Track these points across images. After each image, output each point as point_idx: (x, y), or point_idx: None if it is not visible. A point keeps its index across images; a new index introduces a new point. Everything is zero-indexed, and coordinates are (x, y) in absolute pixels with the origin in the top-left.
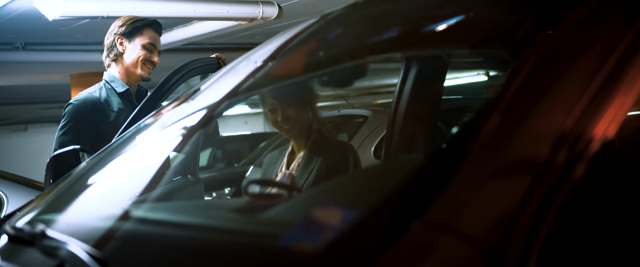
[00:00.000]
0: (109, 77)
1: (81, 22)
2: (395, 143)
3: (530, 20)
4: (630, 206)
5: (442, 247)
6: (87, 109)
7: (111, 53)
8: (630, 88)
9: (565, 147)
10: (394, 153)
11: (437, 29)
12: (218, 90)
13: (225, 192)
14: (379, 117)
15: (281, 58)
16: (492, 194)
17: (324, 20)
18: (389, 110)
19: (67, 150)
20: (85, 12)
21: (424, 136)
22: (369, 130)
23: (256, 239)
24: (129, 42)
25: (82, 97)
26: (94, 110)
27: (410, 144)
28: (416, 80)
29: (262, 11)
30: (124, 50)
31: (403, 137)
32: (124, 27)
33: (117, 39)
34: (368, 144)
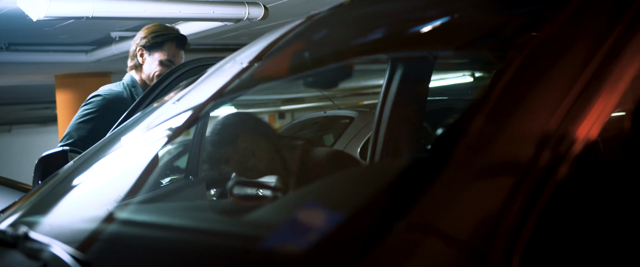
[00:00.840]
0: (132, 81)
1: (66, 22)
2: (381, 144)
3: (514, 22)
4: (612, 206)
5: (426, 248)
6: (117, 106)
7: (132, 61)
8: (613, 89)
9: (549, 148)
10: (379, 154)
11: (423, 30)
12: (204, 92)
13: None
14: (365, 118)
15: (267, 59)
16: (476, 194)
17: (310, 21)
18: (375, 111)
19: (56, 151)
20: (69, 13)
21: (409, 137)
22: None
23: (241, 241)
24: (149, 55)
25: (113, 92)
26: (122, 108)
27: (396, 146)
28: (402, 82)
29: (248, 12)
30: (143, 62)
31: (388, 138)
32: (146, 40)
33: (138, 50)
34: (354, 145)
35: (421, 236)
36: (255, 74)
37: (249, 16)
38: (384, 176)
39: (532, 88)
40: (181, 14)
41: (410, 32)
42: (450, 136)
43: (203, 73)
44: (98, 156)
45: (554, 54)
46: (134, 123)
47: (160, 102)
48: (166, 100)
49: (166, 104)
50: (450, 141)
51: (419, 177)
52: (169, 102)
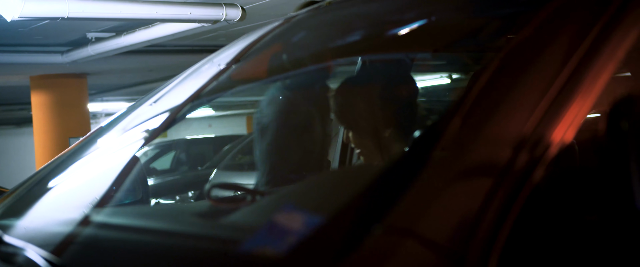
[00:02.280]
0: None
1: (41, 23)
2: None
3: (491, 25)
4: (588, 208)
5: (404, 250)
6: None
7: None
8: (589, 92)
9: (526, 151)
10: (356, 157)
11: (400, 32)
12: (181, 93)
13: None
14: None
15: (245, 61)
16: (454, 197)
17: (288, 23)
18: None
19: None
20: (44, 13)
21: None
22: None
23: (219, 244)
24: None
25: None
26: None
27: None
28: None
29: (226, 13)
30: None
31: None
32: None
33: None
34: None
35: (399, 238)
36: (232, 76)
37: (227, 17)
38: (361, 179)
39: (509, 91)
40: (158, 15)
41: (388, 35)
42: (427, 138)
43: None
44: (74, 157)
45: (530, 57)
46: (111, 125)
47: (135, 104)
48: (143, 102)
49: (143, 106)
50: (427, 143)
51: (397, 180)
52: (146, 103)
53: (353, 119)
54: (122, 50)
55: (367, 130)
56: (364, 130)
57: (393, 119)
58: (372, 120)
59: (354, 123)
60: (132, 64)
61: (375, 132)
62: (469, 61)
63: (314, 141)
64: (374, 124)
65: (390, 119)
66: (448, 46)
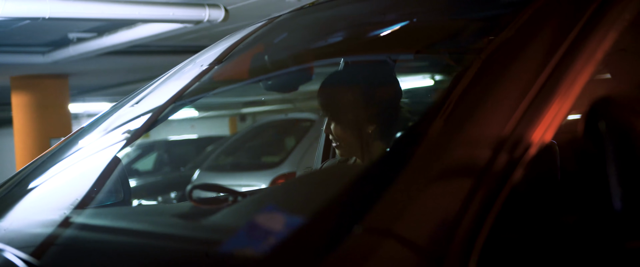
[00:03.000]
0: None
1: (21, 23)
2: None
3: (472, 27)
4: (567, 209)
5: (383, 251)
6: None
7: None
8: (567, 93)
9: (505, 152)
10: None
11: (382, 33)
12: (163, 94)
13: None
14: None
15: (227, 61)
16: (434, 198)
17: (271, 24)
18: None
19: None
20: (25, 13)
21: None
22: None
23: (200, 245)
24: None
25: None
26: None
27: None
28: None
29: (209, 14)
30: None
31: None
32: None
33: None
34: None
35: (379, 239)
36: (215, 77)
37: (209, 18)
38: (342, 180)
39: (489, 92)
40: (140, 16)
41: (370, 36)
42: (407, 139)
43: (162, 75)
44: (55, 159)
45: (510, 58)
46: (93, 125)
47: (117, 104)
48: (125, 103)
49: (125, 107)
50: (407, 144)
51: (377, 181)
52: (128, 104)
53: (336, 117)
54: (104, 50)
55: (349, 130)
56: (346, 130)
57: (374, 119)
58: (355, 120)
59: (337, 122)
60: (114, 65)
61: (357, 133)
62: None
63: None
64: (357, 124)
65: (371, 119)
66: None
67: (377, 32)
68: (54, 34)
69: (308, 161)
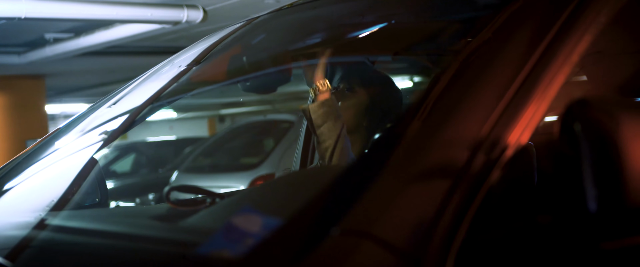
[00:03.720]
0: None
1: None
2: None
3: (449, 28)
4: (544, 210)
5: (361, 253)
6: None
7: None
8: (544, 95)
9: (482, 153)
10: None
11: (361, 35)
12: (141, 95)
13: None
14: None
15: (206, 62)
16: (411, 200)
17: (250, 25)
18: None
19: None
20: (0, 13)
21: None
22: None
23: (178, 246)
24: None
25: None
26: None
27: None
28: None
29: (187, 15)
30: None
31: None
32: None
33: None
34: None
35: (356, 241)
36: (193, 77)
37: (188, 19)
38: (320, 181)
39: (466, 93)
40: (118, 16)
41: (348, 37)
42: (385, 141)
43: (140, 76)
44: (31, 160)
45: (487, 61)
46: (69, 126)
47: (94, 105)
48: (102, 103)
49: (102, 107)
50: (385, 146)
51: (355, 182)
52: (105, 105)
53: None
54: (81, 51)
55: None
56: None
57: (354, 121)
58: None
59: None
60: (91, 65)
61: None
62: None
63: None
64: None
65: (351, 120)
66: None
67: (356, 34)
68: (30, 34)
69: (287, 162)
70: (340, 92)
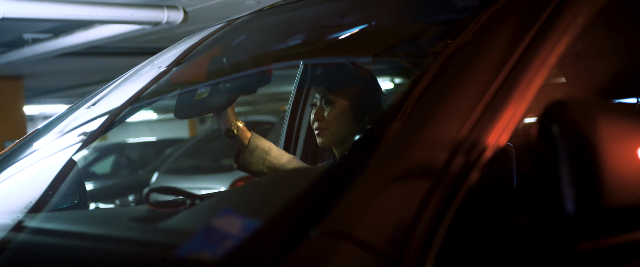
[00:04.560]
0: None
1: None
2: (299, 151)
3: (430, 30)
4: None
5: (340, 254)
6: None
7: None
8: (522, 96)
9: (462, 154)
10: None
11: (341, 36)
12: (121, 95)
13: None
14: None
15: (186, 63)
16: (391, 201)
17: (230, 26)
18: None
19: None
20: None
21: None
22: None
23: (157, 248)
24: None
25: None
26: None
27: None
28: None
29: (167, 15)
30: None
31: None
32: None
33: None
34: None
35: (336, 242)
36: (173, 78)
37: (168, 20)
38: (299, 183)
39: (446, 95)
40: (97, 17)
41: (329, 38)
42: (365, 142)
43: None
44: (9, 161)
45: (466, 62)
46: (48, 127)
47: (73, 105)
48: (82, 104)
49: (81, 108)
50: (365, 147)
51: (334, 183)
52: (85, 106)
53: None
54: (60, 51)
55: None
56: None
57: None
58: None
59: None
60: (71, 66)
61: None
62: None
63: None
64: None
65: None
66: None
67: (336, 35)
68: (8, 34)
69: None
70: (320, 108)
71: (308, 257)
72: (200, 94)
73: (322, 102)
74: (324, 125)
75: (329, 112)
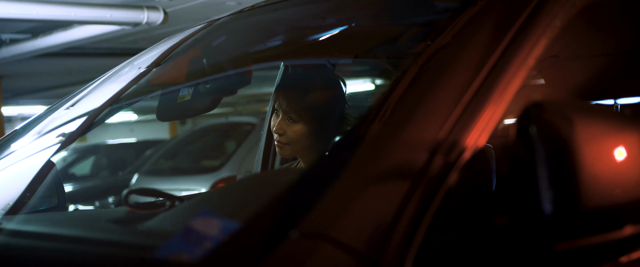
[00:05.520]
0: None
1: None
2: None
3: (410, 32)
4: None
5: (319, 255)
6: None
7: None
8: (501, 98)
9: (442, 155)
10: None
11: (321, 38)
12: (100, 96)
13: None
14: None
15: (166, 64)
16: (370, 202)
17: (211, 27)
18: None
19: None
20: None
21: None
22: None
23: (136, 250)
24: None
25: None
26: None
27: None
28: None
29: (147, 16)
30: None
31: None
32: None
33: None
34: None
35: (316, 244)
36: (153, 79)
37: (148, 20)
38: (278, 184)
39: (425, 96)
40: (76, 17)
41: (309, 40)
42: (344, 143)
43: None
44: None
45: (446, 64)
46: (26, 128)
47: (52, 106)
48: (61, 105)
49: (60, 109)
50: (344, 148)
51: (314, 185)
52: (64, 106)
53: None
54: (38, 52)
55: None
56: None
57: (325, 122)
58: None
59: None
60: (49, 67)
61: (309, 133)
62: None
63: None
64: (311, 124)
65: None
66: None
67: (316, 36)
68: None
69: (248, 165)
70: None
71: (287, 258)
72: (183, 97)
73: (286, 118)
74: (285, 140)
75: (290, 128)
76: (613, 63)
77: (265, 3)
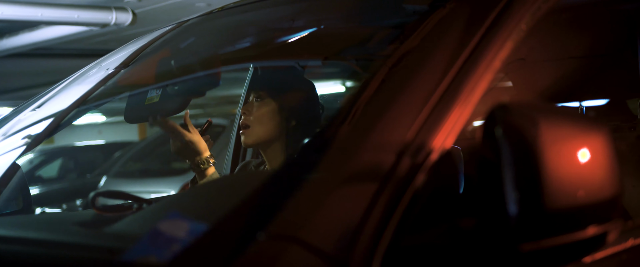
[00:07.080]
0: None
1: None
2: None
3: (379, 34)
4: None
5: (287, 258)
6: None
7: None
8: (468, 99)
9: (409, 157)
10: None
11: (291, 39)
12: (67, 98)
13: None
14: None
15: (135, 65)
16: (338, 204)
17: (180, 28)
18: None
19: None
20: None
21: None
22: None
23: (103, 253)
24: None
25: None
26: None
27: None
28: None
29: (115, 17)
30: None
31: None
32: None
33: None
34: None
35: (283, 246)
36: (121, 80)
37: (116, 21)
38: (246, 186)
39: (394, 98)
40: (43, 17)
41: (278, 41)
42: (313, 145)
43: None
44: None
45: (414, 66)
46: None
47: (19, 107)
48: (26, 106)
49: (26, 110)
50: (311, 150)
51: (281, 187)
52: (29, 108)
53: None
54: (4, 53)
55: (257, 134)
56: (255, 134)
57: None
58: (263, 124)
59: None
60: (16, 68)
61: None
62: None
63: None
64: (265, 129)
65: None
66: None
67: (286, 38)
68: None
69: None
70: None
71: (255, 260)
72: (151, 99)
73: (254, 98)
74: (249, 122)
75: (257, 108)
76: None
77: (235, 5)
